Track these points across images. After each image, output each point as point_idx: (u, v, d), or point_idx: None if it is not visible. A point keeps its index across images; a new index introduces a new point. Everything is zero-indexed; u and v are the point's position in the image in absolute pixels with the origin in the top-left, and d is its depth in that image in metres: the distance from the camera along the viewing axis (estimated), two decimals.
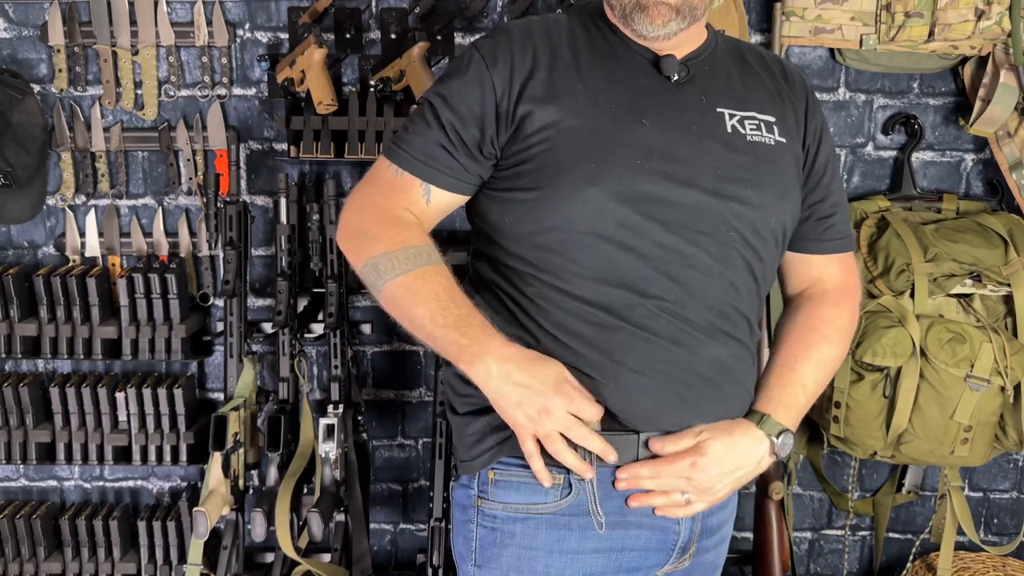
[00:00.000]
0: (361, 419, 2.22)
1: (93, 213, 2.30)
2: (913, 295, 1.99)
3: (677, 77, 1.29)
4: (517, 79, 1.26)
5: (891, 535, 2.44)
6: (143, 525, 2.30)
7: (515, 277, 1.28)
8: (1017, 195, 2.14)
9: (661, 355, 1.23)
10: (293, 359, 2.15)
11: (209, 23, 2.21)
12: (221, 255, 2.21)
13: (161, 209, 2.31)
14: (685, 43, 1.32)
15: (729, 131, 1.29)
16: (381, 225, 1.27)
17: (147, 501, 2.45)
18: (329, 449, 2.06)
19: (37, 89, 2.23)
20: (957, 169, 2.28)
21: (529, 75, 1.27)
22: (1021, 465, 2.43)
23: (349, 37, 2.19)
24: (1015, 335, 2.00)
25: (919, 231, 2.06)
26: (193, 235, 2.31)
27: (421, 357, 2.39)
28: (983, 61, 2.11)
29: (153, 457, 2.24)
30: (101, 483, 2.45)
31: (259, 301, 2.35)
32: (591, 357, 1.23)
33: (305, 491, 2.17)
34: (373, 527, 2.43)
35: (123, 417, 2.26)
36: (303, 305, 2.23)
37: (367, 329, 2.32)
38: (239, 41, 2.24)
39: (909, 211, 2.19)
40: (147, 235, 2.31)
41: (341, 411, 2.12)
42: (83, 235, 2.31)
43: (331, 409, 2.12)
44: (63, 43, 2.21)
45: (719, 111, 1.30)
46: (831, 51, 2.20)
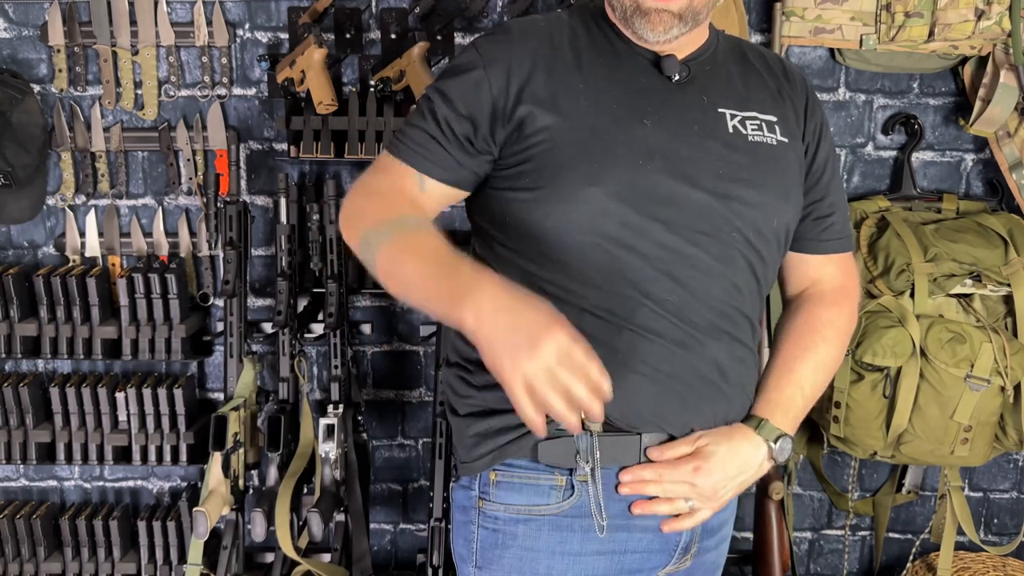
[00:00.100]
0: (361, 419, 2.22)
1: (93, 213, 2.30)
2: (913, 295, 1.99)
3: (678, 77, 1.29)
4: (516, 79, 1.26)
5: (891, 535, 2.44)
6: (143, 525, 2.30)
7: (515, 277, 1.28)
8: (1017, 195, 2.13)
9: (663, 356, 1.23)
10: (293, 359, 2.15)
11: (209, 23, 2.21)
12: (221, 255, 2.21)
13: (161, 209, 2.31)
14: (686, 43, 1.31)
15: (730, 131, 1.28)
16: (373, 204, 1.26)
17: (147, 501, 2.45)
18: (329, 449, 2.05)
19: (37, 89, 2.23)
20: (957, 169, 2.28)
21: (528, 75, 1.26)
22: (1021, 465, 2.43)
23: (349, 37, 2.19)
24: (1015, 335, 2.00)
25: (919, 231, 2.06)
26: (193, 235, 2.31)
27: (421, 357, 2.39)
28: (983, 61, 2.11)
29: (153, 457, 2.24)
30: (101, 483, 2.45)
31: (259, 301, 2.35)
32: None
33: (305, 491, 2.17)
34: (373, 527, 2.43)
35: (123, 417, 2.26)
36: (303, 305, 2.23)
37: (367, 329, 2.32)
38: (239, 41, 2.24)
39: (909, 211, 2.19)
40: (147, 235, 2.31)
41: (341, 411, 2.12)
42: (83, 235, 2.31)
43: (331, 409, 2.12)
44: (63, 43, 2.21)
45: (720, 111, 1.29)
46: (831, 51, 2.20)
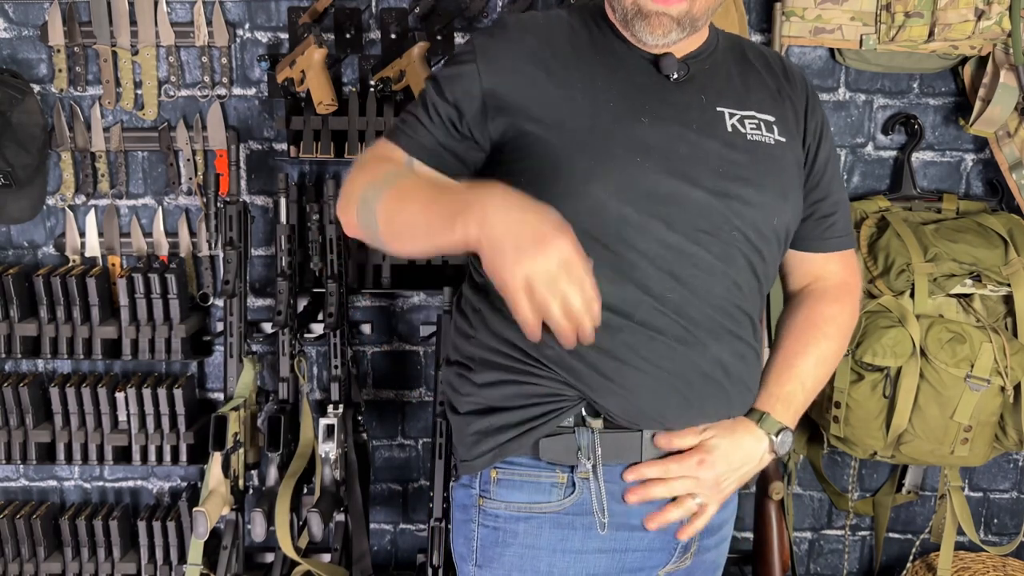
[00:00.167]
0: (361, 419, 2.22)
1: (93, 213, 2.30)
2: (913, 295, 1.99)
3: (677, 76, 1.29)
4: (510, 74, 1.26)
5: (891, 535, 2.44)
6: (143, 525, 2.30)
7: None
8: (1017, 195, 2.13)
9: (665, 354, 1.23)
10: (293, 359, 2.15)
11: (209, 23, 2.21)
12: (221, 255, 2.21)
13: (161, 209, 2.31)
14: (686, 43, 1.31)
15: (729, 130, 1.28)
16: (364, 172, 1.26)
17: (147, 501, 2.45)
18: (329, 449, 2.05)
19: (37, 89, 2.23)
20: (957, 169, 2.28)
21: (524, 70, 1.26)
22: (1021, 465, 2.43)
23: (349, 37, 2.19)
24: (1015, 335, 2.00)
25: (919, 231, 2.06)
26: (193, 235, 2.31)
27: (421, 357, 2.39)
28: (983, 61, 2.11)
29: (153, 457, 2.24)
30: (101, 483, 2.45)
31: (259, 301, 2.35)
32: (595, 357, 1.22)
33: (305, 491, 2.17)
34: (373, 527, 2.43)
35: (123, 417, 2.26)
36: (303, 305, 2.23)
37: (367, 329, 2.32)
38: (239, 41, 2.24)
39: (909, 211, 2.19)
40: (147, 235, 2.31)
41: (341, 411, 2.11)
42: (83, 235, 2.31)
43: (331, 409, 2.12)
44: (63, 43, 2.21)
45: (719, 110, 1.29)
46: (831, 51, 2.20)
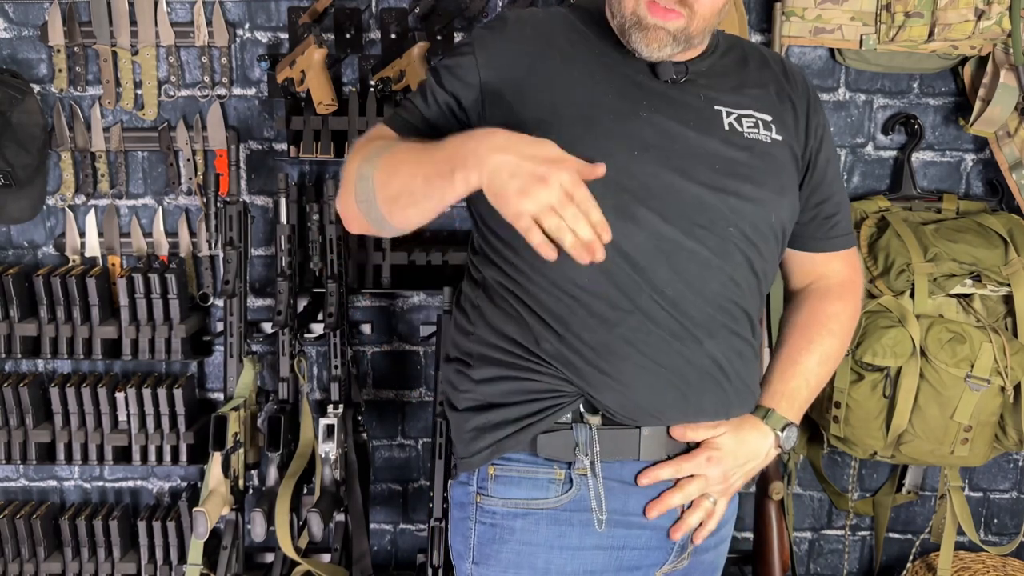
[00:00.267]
0: (361, 419, 2.22)
1: (93, 213, 2.30)
2: (913, 295, 1.99)
3: (675, 77, 1.29)
4: (507, 68, 1.27)
5: (891, 535, 2.44)
6: (143, 525, 2.30)
7: (512, 270, 1.28)
8: (1017, 195, 2.13)
9: (662, 349, 1.23)
10: (293, 359, 2.15)
11: (209, 23, 2.21)
12: (221, 255, 2.21)
13: (161, 209, 2.31)
14: (684, 53, 1.31)
15: (726, 128, 1.29)
16: (356, 154, 1.26)
17: (147, 501, 2.45)
18: (329, 449, 2.05)
19: (37, 89, 2.23)
20: (957, 169, 2.28)
21: (522, 65, 1.27)
22: (1021, 465, 2.43)
23: (349, 37, 2.19)
24: (1015, 335, 2.00)
25: (919, 231, 2.06)
26: (193, 235, 2.31)
27: (421, 357, 2.39)
28: (983, 61, 2.11)
29: (153, 457, 2.24)
30: (101, 483, 2.45)
31: (259, 301, 2.35)
32: (592, 352, 1.23)
33: (305, 491, 2.17)
34: (373, 527, 2.43)
35: (123, 417, 2.26)
36: (303, 305, 2.23)
37: (367, 329, 2.32)
38: (239, 41, 2.24)
39: (909, 211, 2.19)
40: (147, 235, 2.31)
41: (341, 411, 2.11)
42: (83, 235, 2.31)
43: (331, 409, 2.12)
44: (63, 43, 2.21)
45: (717, 108, 1.30)
46: (831, 51, 2.20)
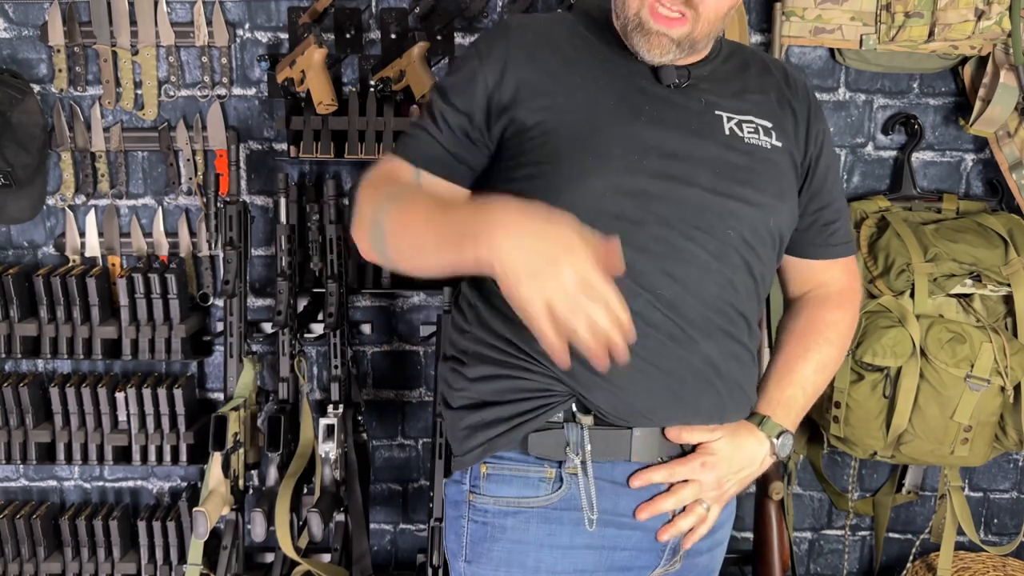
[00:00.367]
0: (361, 419, 2.22)
1: (93, 213, 2.30)
2: (913, 295, 1.99)
3: (677, 82, 1.29)
4: (511, 73, 1.27)
5: (891, 535, 2.44)
6: (143, 525, 2.30)
7: None
8: (1017, 195, 2.13)
9: (657, 351, 1.23)
10: (293, 359, 2.15)
11: (209, 23, 2.21)
12: (221, 255, 2.21)
13: (161, 209, 2.31)
14: (686, 57, 1.32)
15: (727, 133, 1.29)
16: (371, 191, 1.26)
17: (147, 501, 2.45)
18: (329, 449, 2.05)
19: (37, 89, 2.23)
20: (957, 169, 2.28)
21: (525, 69, 1.27)
22: (1021, 465, 2.43)
23: (349, 37, 2.19)
24: (1015, 335, 2.00)
25: (919, 231, 2.06)
26: (193, 235, 2.31)
27: (421, 357, 2.39)
28: (983, 61, 2.11)
29: (153, 457, 2.24)
30: (101, 483, 2.45)
31: (259, 301, 2.35)
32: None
33: (305, 491, 2.17)
34: (373, 527, 2.43)
35: (123, 417, 2.26)
36: (303, 305, 2.23)
37: (367, 329, 2.32)
38: (239, 41, 2.24)
39: (909, 211, 2.19)
40: (147, 235, 2.31)
41: (341, 411, 2.11)
42: (83, 235, 2.31)
43: (331, 409, 2.12)
44: (63, 43, 2.21)
45: (718, 113, 1.30)
46: (831, 51, 2.20)
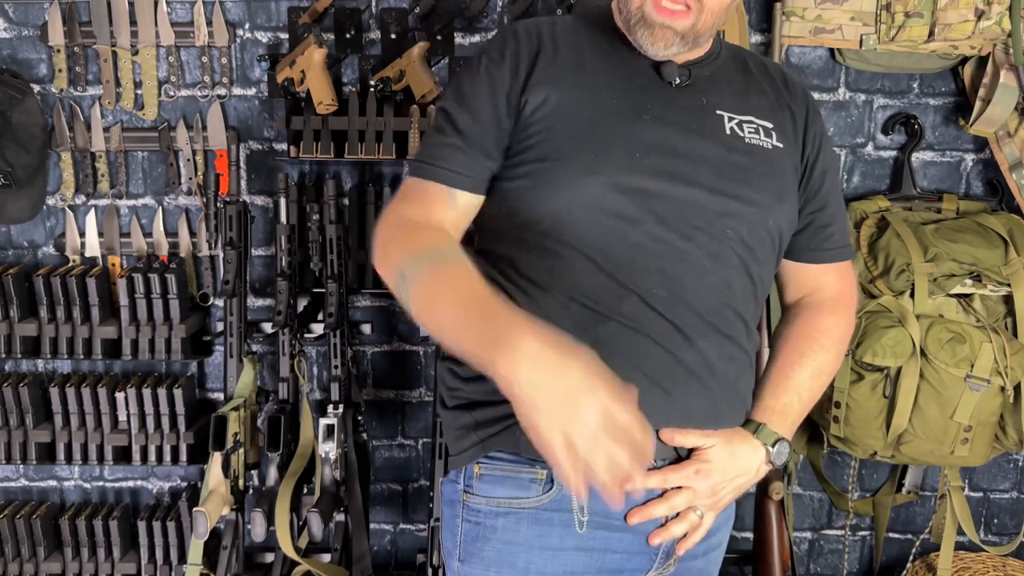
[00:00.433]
0: (361, 419, 2.22)
1: (93, 213, 2.30)
2: (913, 295, 1.99)
3: (678, 81, 1.30)
4: (522, 71, 1.28)
5: (891, 535, 2.44)
6: (143, 525, 2.30)
7: (507, 267, 1.28)
8: (1017, 195, 2.13)
9: (649, 350, 1.22)
10: (293, 359, 2.15)
11: (209, 23, 2.21)
12: (221, 255, 2.21)
13: (161, 209, 2.31)
14: (688, 52, 1.32)
15: (728, 133, 1.29)
16: (403, 235, 1.24)
17: (147, 501, 2.45)
18: (329, 449, 2.05)
19: (37, 89, 2.23)
20: (957, 169, 2.28)
21: (532, 67, 1.28)
22: (1021, 465, 2.43)
23: (349, 37, 2.19)
24: (1015, 335, 2.00)
25: (919, 231, 2.06)
26: (193, 235, 2.31)
27: (421, 357, 2.39)
28: (983, 61, 2.11)
29: (153, 457, 2.24)
30: (101, 483, 2.45)
31: (259, 301, 2.35)
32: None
33: (305, 491, 2.17)
34: (373, 527, 2.43)
35: (123, 417, 2.26)
36: (303, 305, 2.23)
37: (367, 329, 2.32)
38: (239, 41, 2.24)
39: (909, 211, 2.19)
40: (147, 235, 2.31)
41: (341, 411, 2.11)
42: (83, 235, 2.31)
43: (331, 409, 2.12)
44: (63, 43, 2.21)
45: (718, 113, 1.31)
46: (831, 51, 2.20)
